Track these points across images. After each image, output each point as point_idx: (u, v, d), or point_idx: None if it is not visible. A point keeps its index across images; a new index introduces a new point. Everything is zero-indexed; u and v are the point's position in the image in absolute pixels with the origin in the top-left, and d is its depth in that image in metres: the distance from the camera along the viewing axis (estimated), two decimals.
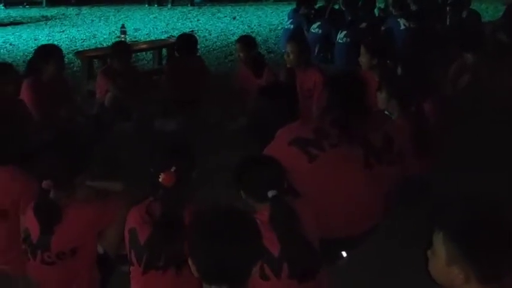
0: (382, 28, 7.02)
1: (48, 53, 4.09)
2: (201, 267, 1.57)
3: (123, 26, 6.55)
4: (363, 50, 4.18)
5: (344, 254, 2.89)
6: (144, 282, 2.30)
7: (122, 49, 4.81)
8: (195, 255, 1.58)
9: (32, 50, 7.62)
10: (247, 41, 4.81)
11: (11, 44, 8.44)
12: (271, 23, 10.56)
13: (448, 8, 7.56)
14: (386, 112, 3.35)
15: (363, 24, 7.06)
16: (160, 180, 2.27)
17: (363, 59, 4.19)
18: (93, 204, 2.61)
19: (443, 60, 5.38)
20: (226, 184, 3.56)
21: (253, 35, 9.16)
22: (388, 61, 4.39)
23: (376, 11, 8.25)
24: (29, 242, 2.47)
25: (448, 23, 7.43)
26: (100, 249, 2.55)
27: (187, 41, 5.14)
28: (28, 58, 6.84)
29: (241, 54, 4.69)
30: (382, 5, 8.72)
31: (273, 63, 6.57)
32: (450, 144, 3.73)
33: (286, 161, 2.44)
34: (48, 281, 2.50)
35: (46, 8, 12.34)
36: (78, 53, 6.56)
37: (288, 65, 4.45)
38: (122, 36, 6.38)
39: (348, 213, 2.64)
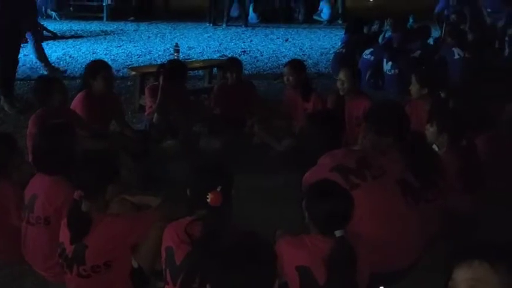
0: (436, 57, 6.88)
1: (95, 69, 4.17)
2: None
3: (176, 45, 6.69)
4: (413, 79, 4.12)
5: None
6: None
7: (172, 69, 4.80)
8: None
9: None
10: (296, 65, 4.81)
11: (70, 57, 8.78)
12: (323, 46, 10.55)
13: (507, 39, 7.34)
14: (434, 146, 3.26)
15: (416, 53, 6.94)
16: (208, 200, 2.28)
17: (413, 89, 4.12)
18: (125, 217, 2.64)
19: (500, 94, 5.17)
20: (260, 206, 3.57)
21: (305, 57, 9.21)
22: (440, 92, 4.28)
23: (431, 41, 8.10)
24: (64, 256, 2.54)
25: (507, 55, 7.20)
26: (134, 264, 2.57)
27: (234, 63, 5.18)
28: None
29: (290, 78, 4.69)
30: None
31: (322, 87, 6.55)
32: (502, 182, 3.57)
33: None
34: None
35: (106, 22, 12.79)
36: (132, 68, 6.74)
37: (341, 93, 4.42)
38: (175, 54, 6.51)
39: (385, 247, 2.56)
